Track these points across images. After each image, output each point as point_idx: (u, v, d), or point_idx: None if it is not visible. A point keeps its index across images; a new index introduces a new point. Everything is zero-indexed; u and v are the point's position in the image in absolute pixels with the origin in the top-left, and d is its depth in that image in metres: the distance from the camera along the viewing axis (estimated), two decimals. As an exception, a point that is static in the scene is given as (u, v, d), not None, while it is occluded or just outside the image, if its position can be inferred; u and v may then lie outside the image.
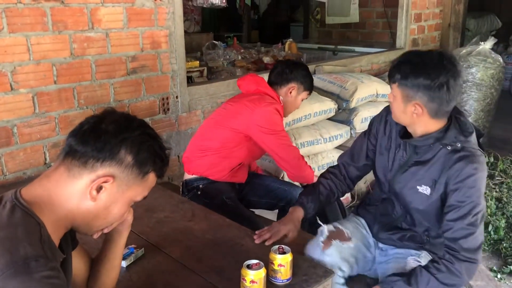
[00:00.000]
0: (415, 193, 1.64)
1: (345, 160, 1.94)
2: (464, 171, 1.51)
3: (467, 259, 1.52)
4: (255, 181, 2.48)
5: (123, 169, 1.01)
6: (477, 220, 1.52)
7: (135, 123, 1.05)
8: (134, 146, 1.01)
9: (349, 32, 5.84)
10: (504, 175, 3.47)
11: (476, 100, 4.28)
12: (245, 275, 1.30)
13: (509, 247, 2.81)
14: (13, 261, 0.86)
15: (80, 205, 1.01)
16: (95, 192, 1.00)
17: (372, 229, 1.86)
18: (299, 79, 2.42)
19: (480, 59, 4.20)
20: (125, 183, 1.03)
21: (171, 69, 2.76)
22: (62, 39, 2.29)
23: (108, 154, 0.99)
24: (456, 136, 1.55)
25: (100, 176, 0.99)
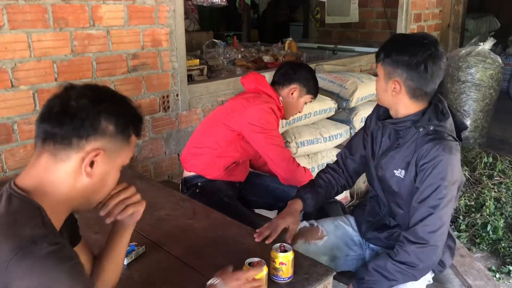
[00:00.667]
0: (393, 177, 1.65)
1: (343, 152, 1.95)
2: (430, 153, 1.53)
3: (417, 241, 1.53)
4: (254, 181, 2.48)
5: (108, 139, 1.02)
6: (440, 205, 1.51)
7: (102, 92, 1.06)
8: (111, 114, 1.01)
9: (349, 31, 5.85)
10: (503, 175, 3.48)
11: (475, 100, 4.29)
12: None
13: (507, 247, 2.82)
14: (17, 246, 0.86)
15: (76, 185, 1.01)
16: (89, 169, 1.00)
17: (360, 228, 1.86)
18: (301, 81, 2.41)
19: (479, 60, 4.21)
20: (114, 152, 1.04)
21: (172, 67, 2.76)
22: (63, 36, 2.28)
23: (90, 129, 0.99)
24: (430, 119, 1.57)
25: (89, 152, 0.99)
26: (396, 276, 1.57)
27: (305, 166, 3.03)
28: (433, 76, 1.55)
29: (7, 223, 0.90)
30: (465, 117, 4.33)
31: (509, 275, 2.64)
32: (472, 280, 2.37)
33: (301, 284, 1.41)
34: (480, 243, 2.90)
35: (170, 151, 2.89)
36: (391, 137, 1.69)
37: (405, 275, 1.56)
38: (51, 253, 0.87)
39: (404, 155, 1.62)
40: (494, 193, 3.21)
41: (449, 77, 4.40)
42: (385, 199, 1.75)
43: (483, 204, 3.13)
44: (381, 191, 1.75)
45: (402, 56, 1.55)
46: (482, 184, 3.37)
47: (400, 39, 1.64)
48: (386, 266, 1.57)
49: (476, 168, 3.63)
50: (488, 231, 2.93)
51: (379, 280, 1.59)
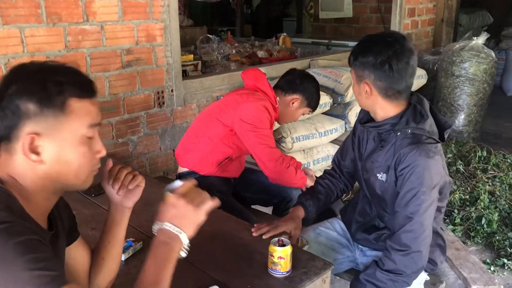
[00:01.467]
0: (376, 180, 1.65)
1: (336, 157, 1.95)
2: (407, 158, 1.51)
3: (401, 248, 1.52)
4: (249, 177, 2.48)
5: (36, 118, 0.91)
6: (420, 210, 1.50)
7: (12, 72, 0.95)
8: (23, 91, 0.91)
9: (343, 27, 5.85)
10: (497, 169, 3.50)
11: (469, 95, 4.30)
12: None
13: (502, 240, 2.84)
14: None
15: (37, 174, 0.94)
16: (34, 156, 0.92)
17: (350, 229, 1.85)
18: (305, 93, 2.39)
19: (473, 54, 4.22)
20: (51, 128, 0.93)
21: (166, 62, 2.75)
22: (56, 32, 2.27)
23: (13, 116, 0.91)
24: (408, 121, 1.55)
25: (23, 139, 0.92)
26: (388, 284, 1.55)
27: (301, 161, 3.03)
28: (401, 73, 1.51)
29: None
30: (459, 112, 4.35)
31: (503, 267, 2.66)
32: (467, 273, 2.38)
33: (300, 278, 1.41)
34: (474, 236, 2.91)
35: (165, 147, 2.88)
36: (375, 140, 1.68)
37: (396, 282, 1.55)
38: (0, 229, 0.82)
39: (385, 159, 1.61)
40: (488, 186, 3.23)
41: (443, 72, 4.42)
42: (372, 201, 1.75)
43: (477, 198, 3.15)
44: (368, 193, 1.75)
45: (367, 57, 1.53)
46: (476, 178, 3.39)
47: (366, 41, 1.60)
48: (376, 275, 1.56)
49: (471, 162, 3.65)
50: (482, 225, 2.95)
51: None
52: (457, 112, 4.36)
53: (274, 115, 2.34)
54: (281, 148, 2.91)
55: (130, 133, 2.69)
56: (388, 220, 1.69)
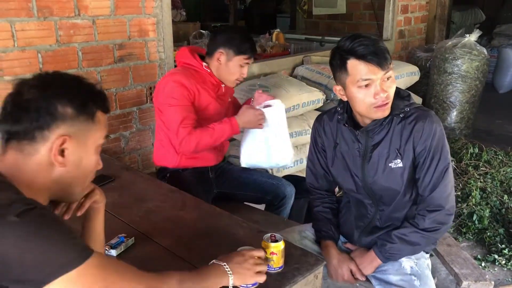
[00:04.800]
0: (390, 172, 1.64)
1: (311, 184, 1.91)
2: (425, 129, 1.57)
3: (435, 208, 1.60)
4: (241, 175, 2.44)
5: (71, 122, 0.99)
6: (448, 169, 1.60)
7: (50, 77, 1.02)
8: (65, 96, 0.99)
9: (336, 23, 5.85)
10: (489, 166, 3.52)
11: (461, 91, 4.33)
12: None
13: (492, 236, 2.86)
14: None
15: (51, 175, 1.00)
16: (60, 158, 0.98)
17: (353, 236, 1.83)
18: (225, 44, 2.23)
19: (465, 51, 4.25)
20: (81, 134, 1.01)
21: (159, 57, 2.73)
22: (47, 26, 2.24)
23: (48, 117, 0.96)
24: (400, 103, 1.61)
25: (54, 141, 0.97)
26: (419, 241, 1.64)
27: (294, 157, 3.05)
28: None
29: None
30: (451, 108, 4.37)
31: (494, 263, 2.68)
32: (459, 269, 2.39)
33: (292, 274, 1.40)
34: (466, 232, 2.94)
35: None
36: (362, 140, 1.66)
37: (428, 239, 1.65)
38: (27, 210, 0.87)
39: (392, 146, 1.62)
40: (480, 183, 3.25)
41: (435, 69, 4.43)
42: (371, 200, 1.74)
43: (469, 194, 3.17)
44: (366, 195, 1.73)
45: None
46: (468, 175, 3.41)
47: None
48: (410, 234, 1.63)
49: (462, 159, 3.67)
50: (474, 221, 2.97)
51: (402, 248, 1.64)
52: (449, 109, 4.38)
53: (201, 84, 2.22)
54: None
55: (122, 129, 2.67)
56: (389, 213, 1.71)
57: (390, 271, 1.68)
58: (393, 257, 1.67)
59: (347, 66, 1.54)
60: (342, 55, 1.55)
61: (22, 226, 0.85)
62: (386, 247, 1.66)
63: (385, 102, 1.55)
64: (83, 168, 1.04)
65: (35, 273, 0.84)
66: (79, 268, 0.88)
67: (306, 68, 3.56)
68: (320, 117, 1.82)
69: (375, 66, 1.51)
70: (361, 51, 1.51)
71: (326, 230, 1.83)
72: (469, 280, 2.33)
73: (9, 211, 0.85)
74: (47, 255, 0.86)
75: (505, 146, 4.00)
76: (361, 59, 1.51)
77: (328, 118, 1.78)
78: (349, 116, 1.68)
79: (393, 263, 1.69)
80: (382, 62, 1.51)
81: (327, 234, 1.82)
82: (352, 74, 1.54)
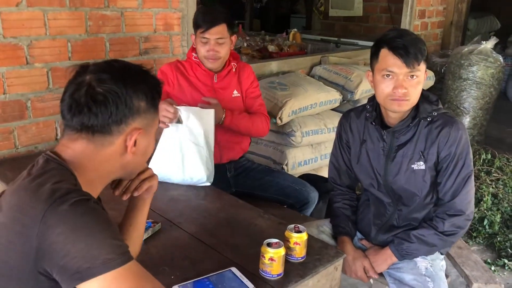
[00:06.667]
0: (412, 173, 1.68)
1: (333, 179, 1.95)
2: (451, 135, 1.62)
3: (456, 213, 1.65)
4: (264, 177, 2.38)
5: (144, 115, 1.04)
6: (471, 176, 1.66)
7: (120, 69, 1.03)
8: (140, 92, 1.02)
9: (352, 25, 5.88)
10: (501, 172, 3.55)
11: (475, 98, 4.34)
12: (265, 252, 1.34)
13: (503, 241, 2.89)
14: (51, 197, 0.89)
15: (119, 163, 1.05)
16: (133, 148, 1.04)
17: (370, 234, 1.87)
18: (193, 23, 2.17)
19: (481, 58, 4.26)
20: (149, 125, 1.07)
21: (182, 52, 2.78)
22: (78, 16, 2.30)
23: (127, 111, 1.00)
24: (428, 107, 1.65)
25: (130, 133, 1.02)
26: (436, 243, 1.69)
27: (309, 155, 3.10)
28: None
29: (44, 179, 0.93)
30: (465, 114, 4.39)
31: (504, 267, 2.72)
32: (469, 271, 2.43)
33: (313, 264, 1.45)
34: (476, 236, 2.97)
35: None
36: (387, 140, 1.71)
37: (445, 242, 1.70)
38: (81, 200, 0.90)
39: (416, 148, 1.66)
40: (491, 189, 3.28)
41: (450, 74, 4.46)
42: (392, 205, 1.78)
43: (480, 199, 3.20)
44: (386, 193, 1.78)
45: None
46: (480, 180, 3.44)
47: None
48: (429, 235, 1.68)
49: (475, 164, 3.70)
50: (484, 226, 3.00)
51: (419, 248, 1.69)
52: (463, 114, 4.40)
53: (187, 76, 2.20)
54: (291, 142, 2.96)
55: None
56: (407, 213, 1.75)
57: (405, 269, 1.72)
58: (409, 256, 1.71)
59: (379, 53, 1.62)
60: (380, 42, 1.63)
61: (72, 215, 0.88)
62: (403, 246, 1.71)
63: (402, 98, 1.60)
64: (147, 154, 1.12)
65: (76, 265, 0.86)
66: (118, 269, 0.88)
67: (324, 68, 3.61)
68: (347, 113, 1.87)
69: (401, 61, 1.56)
70: (394, 44, 1.57)
71: (344, 226, 1.87)
72: (479, 282, 2.38)
73: (64, 200, 0.89)
74: (91, 249, 0.87)
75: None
76: (391, 50, 1.58)
77: (355, 115, 1.82)
78: (378, 114, 1.73)
79: (408, 262, 1.73)
80: (410, 60, 1.56)
81: (344, 230, 1.86)
82: (380, 62, 1.62)
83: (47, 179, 0.93)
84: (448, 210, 1.66)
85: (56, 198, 0.89)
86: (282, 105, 2.90)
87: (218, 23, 2.11)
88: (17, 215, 0.90)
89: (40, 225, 0.87)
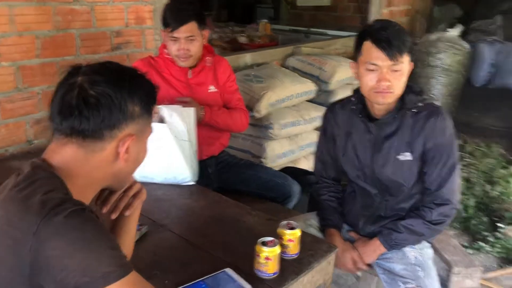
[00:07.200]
0: (399, 164, 1.69)
1: (318, 172, 1.94)
2: (437, 126, 1.63)
3: (443, 202, 1.67)
4: (246, 171, 2.36)
5: (137, 121, 0.99)
6: (456, 164, 1.67)
7: (115, 72, 0.99)
8: (135, 95, 0.97)
9: (321, 15, 5.87)
10: (472, 157, 3.64)
11: (444, 85, 4.44)
12: (260, 251, 1.31)
13: (477, 224, 2.98)
14: (44, 209, 0.84)
15: (110, 170, 1.00)
16: (125, 155, 0.99)
17: (357, 225, 1.87)
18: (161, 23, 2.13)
19: (448, 45, 4.36)
20: (142, 132, 1.02)
21: (155, 46, 2.70)
22: (45, 11, 2.20)
23: (120, 116, 0.95)
24: (413, 98, 1.66)
25: (122, 139, 0.97)
26: (424, 232, 1.71)
27: (287, 147, 3.08)
28: None
29: (33, 189, 0.88)
30: (434, 101, 4.48)
31: (480, 250, 2.80)
32: (450, 256, 2.48)
33: (308, 260, 1.44)
34: (453, 221, 3.03)
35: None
36: (373, 130, 1.71)
37: (433, 231, 1.72)
38: (77, 211, 0.86)
39: (402, 138, 1.67)
40: (464, 174, 3.36)
41: (419, 62, 4.53)
42: (377, 190, 1.78)
43: (454, 184, 3.27)
44: (373, 185, 1.78)
45: None
46: (452, 165, 3.52)
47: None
48: (417, 225, 1.70)
49: (446, 150, 3.78)
50: (459, 210, 3.07)
51: (407, 238, 1.71)
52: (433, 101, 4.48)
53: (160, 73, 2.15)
54: (269, 134, 2.94)
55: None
56: (394, 204, 1.77)
57: (394, 259, 1.74)
58: (398, 246, 1.73)
59: (363, 45, 1.61)
60: (363, 34, 1.62)
61: (68, 227, 0.83)
62: (392, 236, 1.72)
63: (386, 90, 1.60)
64: (139, 161, 1.06)
65: (75, 280, 0.82)
66: (118, 282, 0.84)
67: (297, 59, 3.59)
68: (332, 106, 1.86)
69: (384, 54, 1.56)
70: (377, 36, 1.56)
71: (331, 218, 1.87)
72: (460, 266, 2.43)
73: (58, 211, 0.83)
74: (89, 262, 0.83)
75: (483, 138, 4.13)
76: (374, 43, 1.57)
77: (340, 108, 1.81)
78: (363, 106, 1.72)
79: (397, 252, 1.75)
80: (393, 53, 1.55)
81: (332, 223, 1.86)
82: (364, 55, 1.61)
83: (36, 189, 0.88)
84: (435, 200, 1.68)
85: (49, 209, 0.84)
86: (259, 97, 2.87)
87: (187, 21, 2.04)
88: (6, 228, 0.85)
89: (33, 239, 0.81)
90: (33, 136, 2.26)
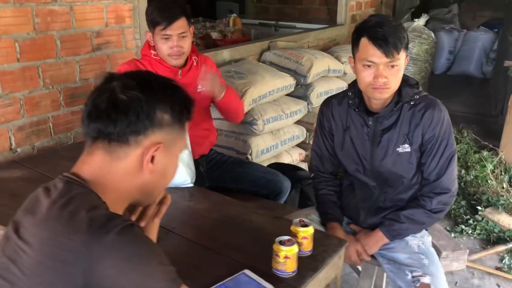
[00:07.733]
0: (398, 156, 1.73)
1: (316, 167, 1.96)
2: (435, 117, 1.67)
3: (442, 191, 1.72)
4: (237, 169, 2.37)
5: (166, 130, 0.96)
6: (454, 154, 1.72)
7: (148, 79, 0.98)
8: (166, 103, 0.95)
9: (287, 8, 5.89)
10: (445, 143, 3.76)
11: (412, 74, 4.56)
12: (279, 251, 1.32)
13: (457, 208, 3.10)
14: (92, 226, 0.82)
15: (136, 181, 0.96)
16: (150, 165, 0.95)
17: (358, 218, 1.90)
18: (147, 22, 2.10)
19: (415, 35, 4.48)
20: (171, 142, 0.99)
21: (135, 45, 2.64)
22: (24, 12, 2.10)
23: (147, 122, 0.93)
24: (410, 91, 1.70)
25: (148, 147, 0.94)
26: (425, 221, 1.76)
27: (270, 142, 3.09)
28: None
29: (75, 207, 0.85)
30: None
31: (462, 233, 2.91)
32: (436, 240, 2.57)
33: (322, 256, 1.46)
34: (433, 206, 3.14)
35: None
36: (370, 125, 1.74)
37: (433, 219, 1.78)
38: (127, 227, 0.84)
39: (401, 131, 1.71)
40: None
41: (387, 52, 4.63)
42: (376, 183, 1.82)
43: (431, 171, 3.38)
44: (373, 177, 1.81)
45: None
46: (427, 152, 3.63)
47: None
48: (418, 214, 1.74)
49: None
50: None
51: (409, 227, 1.76)
52: (402, 90, 4.60)
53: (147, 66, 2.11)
54: (253, 130, 2.93)
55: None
56: (394, 195, 1.80)
57: (397, 249, 1.78)
58: (400, 236, 1.77)
59: (360, 42, 1.63)
60: (360, 31, 1.63)
61: (121, 245, 0.82)
62: (394, 227, 1.76)
63: (383, 86, 1.63)
64: (167, 176, 1.02)
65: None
66: None
67: (274, 53, 3.60)
68: (328, 101, 1.87)
69: (380, 51, 1.58)
70: (374, 34, 1.58)
71: (332, 212, 1.89)
72: (447, 250, 2.52)
73: (109, 229, 0.81)
74: (144, 280, 0.82)
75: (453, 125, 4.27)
76: (371, 40, 1.59)
77: (336, 102, 1.83)
78: (360, 100, 1.75)
79: (399, 242, 1.79)
80: (389, 50, 1.58)
81: (333, 216, 1.88)
82: (361, 51, 1.63)
83: (78, 206, 0.85)
84: (434, 189, 1.73)
85: (97, 227, 0.81)
86: (242, 94, 2.86)
87: (178, 17, 2.01)
88: (54, 251, 0.81)
89: (85, 260, 0.79)
90: (16, 144, 2.16)
